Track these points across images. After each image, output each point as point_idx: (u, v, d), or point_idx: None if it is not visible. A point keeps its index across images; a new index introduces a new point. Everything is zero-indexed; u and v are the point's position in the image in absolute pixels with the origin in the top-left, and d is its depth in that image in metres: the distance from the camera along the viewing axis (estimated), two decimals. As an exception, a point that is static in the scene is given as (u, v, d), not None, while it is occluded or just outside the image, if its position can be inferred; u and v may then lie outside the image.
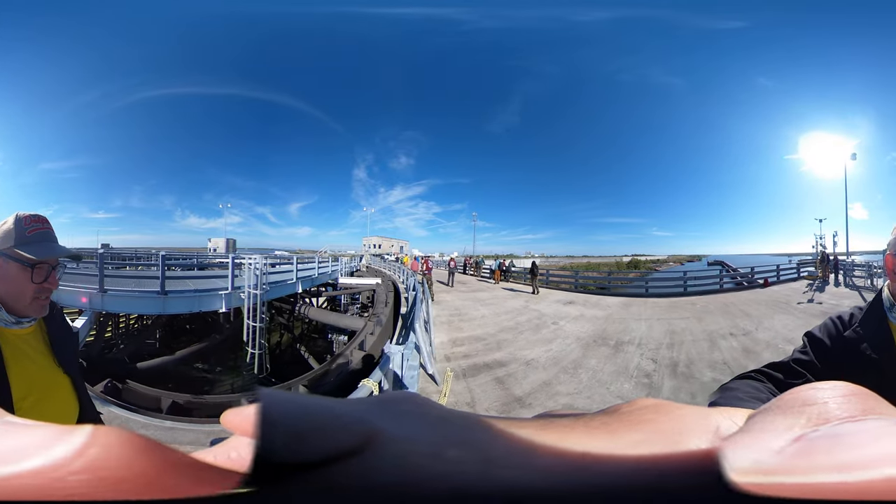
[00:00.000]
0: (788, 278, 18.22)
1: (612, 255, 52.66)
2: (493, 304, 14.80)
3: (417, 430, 0.19)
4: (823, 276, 17.51)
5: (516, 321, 11.64)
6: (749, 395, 0.85)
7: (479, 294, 17.61)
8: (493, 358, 8.06)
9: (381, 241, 60.63)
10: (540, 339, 9.67)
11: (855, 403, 0.19)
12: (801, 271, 18.77)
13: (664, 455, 0.19)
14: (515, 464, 0.17)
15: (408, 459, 0.17)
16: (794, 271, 18.83)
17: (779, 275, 18.06)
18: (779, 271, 18.27)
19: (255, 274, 12.01)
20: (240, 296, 11.78)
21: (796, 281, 17.70)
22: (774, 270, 18.11)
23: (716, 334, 9.37)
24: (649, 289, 16.76)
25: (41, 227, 1.11)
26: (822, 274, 17.60)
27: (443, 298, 15.89)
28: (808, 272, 18.41)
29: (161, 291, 9.75)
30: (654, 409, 0.23)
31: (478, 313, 12.75)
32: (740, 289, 16.58)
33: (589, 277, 22.89)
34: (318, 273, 18.08)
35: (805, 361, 1.03)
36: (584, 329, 10.54)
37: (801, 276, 18.36)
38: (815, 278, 17.27)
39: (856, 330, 1.03)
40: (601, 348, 8.70)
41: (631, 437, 0.20)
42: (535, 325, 11.21)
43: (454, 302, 15.16)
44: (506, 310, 13.47)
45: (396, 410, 0.20)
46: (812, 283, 16.21)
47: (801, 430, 0.18)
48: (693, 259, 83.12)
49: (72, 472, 0.15)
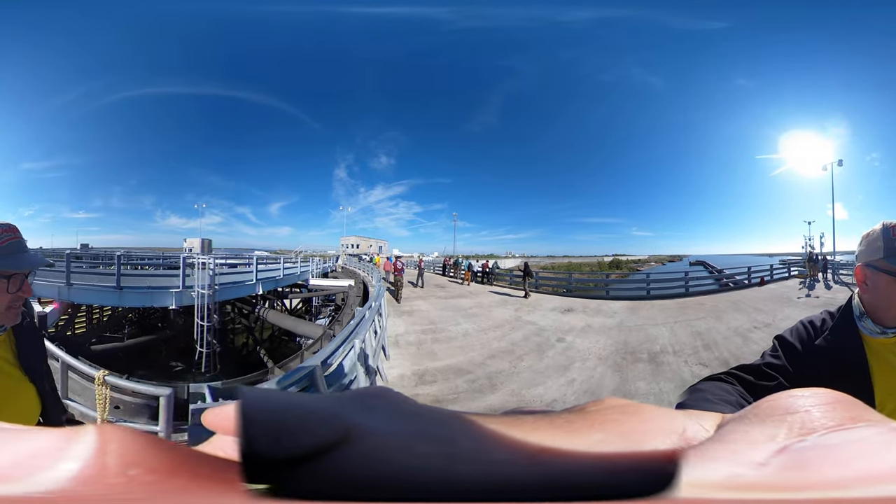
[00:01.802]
0: (781, 277, 19.02)
1: (593, 256, 52.50)
2: (477, 314, 12.01)
3: (391, 425, 0.19)
4: (812, 274, 18.49)
5: (510, 340, 9.10)
6: (718, 398, 0.84)
7: (459, 301, 14.47)
8: (485, 405, 5.80)
9: (360, 241, 59.14)
10: (550, 365, 7.40)
11: (841, 411, 0.18)
12: (791, 270, 19.92)
13: (621, 453, 0.18)
14: (476, 458, 0.18)
15: (382, 454, 0.17)
16: (786, 270, 19.90)
17: (772, 273, 18.86)
18: (772, 270, 19.04)
19: (209, 274, 12.06)
20: (191, 295, 11.90)
21: (788, 279, 18.50)
22: (768, 270, 18.88)
23: (741, 329, 9.10)
24: (651, 290, 15.52)
25: (13, 237, 1.11)
26: (810, 273, 18.67)
27: (415, 307, 12.78)
28: (800, 270, 19.64)
29: (117, 286, 10.85)
30: (620, 409, 0.22)
31: (458, 329, 10.06)
32: (740, 287, 16.73)
33: (585, 280, 20.77)
34: (283, 274, 16.85)
35: (777, 365, 1.04)
36: (601, 343, 8.63)
37: (791, 274, 19.46)
38: (806, 276, 18.39)
39: (826, 338, 1.06)
40: (637, 365, 7.22)
41: (592, 436, 0.20)
42: (535, 344, 8.77)
43: (429, 312, 12.04)
44: (494, 323, 10.85)
45: (370, 405, 0.20)
46: (804, 281, 17.12)
47: (785, 441, 0.17)
48: (674, 259, 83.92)
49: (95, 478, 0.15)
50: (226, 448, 0.21)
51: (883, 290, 1.01)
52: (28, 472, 0.15)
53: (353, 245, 56.08)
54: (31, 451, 0.16)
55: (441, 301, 14.40)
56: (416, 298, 14.69)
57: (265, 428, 0.17)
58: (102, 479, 0.15)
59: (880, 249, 1.01)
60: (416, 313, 11.70)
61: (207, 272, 11.94)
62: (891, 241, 0.99)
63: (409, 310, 12.26)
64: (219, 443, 0.23)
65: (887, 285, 0.99)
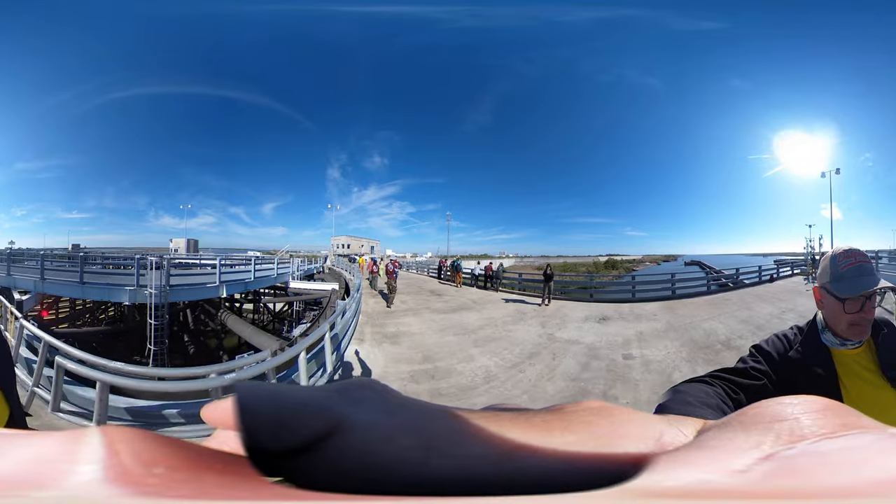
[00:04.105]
0: (786, 275, 20.39)
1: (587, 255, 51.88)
2: (492, 336, 8.82)
3: (377, 417, 0.19)
4: (814, 272, 20.03)
5: (567, 375, 6.48)
6: (699, 401, 0.86)
7: (463, 317, 10.87)
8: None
9: (351, 241, 57.84)
10: (651, 394, 5.75)
11: (832, 418, 0.18)
12: (794, 269, 21.52)
13: (588, 455, 0.18)
14: (452, 453, 0.18)
15: (368, 445, 0.17)
16: (789, 269, 21.54)
17: (778, 272, 20.16)
18: (778, 269, 20.43)
19: (162, 274, 12.55)
20: (145, 293, 12.43)
21: (793, 276, 19.96)
22: (775, 269, 20.32)
23: (774, 314, 9.76)
24: (676, 290, 14.79)
25: None
26: (812, 271, 19.94)
27: (403, 326, 9.49)
28: (802, 269, 21.34)
29: (80, 281, 12.35)
30: (597, 411, 0.22)
31: (473, 369, 6.62)
32: (753, 284, 17.68)
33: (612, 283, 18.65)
34: (254, 277, 15.73)
35: (762, 369, 1.12)
36: (673, 348, 7.58)
37: (794, 273, 20.90)
38: (808, 274, 19.91)
39: (798, 350, 1.18)
40: (722, 354, 7.13)
41: (565, 437, 0.20)
42: (604, 371, 6.61)
43: (423, 336, 8.72)
44: (522, 349, 7.76)
45: (358, 397, 0.20)
46: (807, 278, 18.48)
47: (771, 449, 0.17)
48: (669, 259, 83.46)
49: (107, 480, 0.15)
50: (228, 442, 0.21)
51: (832, 309, 1.18)
52: (53, 478, 0.15)
53: (344, 245, 54.95)
54: (41, 455, 0.16)
55: (439, 317, 10.91)
56: (402, 313, 11.38)
57: (264, 421, 0.17)
58: (128, 479, 0.15)
59: (828, 274, 1.20)
60: (403, 337, 8.49)
61: (162, 272, 12.48)
62: (836, 269, 1.18)
63: (395, 332, 8.99)
64: (221, 437, 0.22)
65: (834, 306, 1.16)
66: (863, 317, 1.12)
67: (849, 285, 1.13)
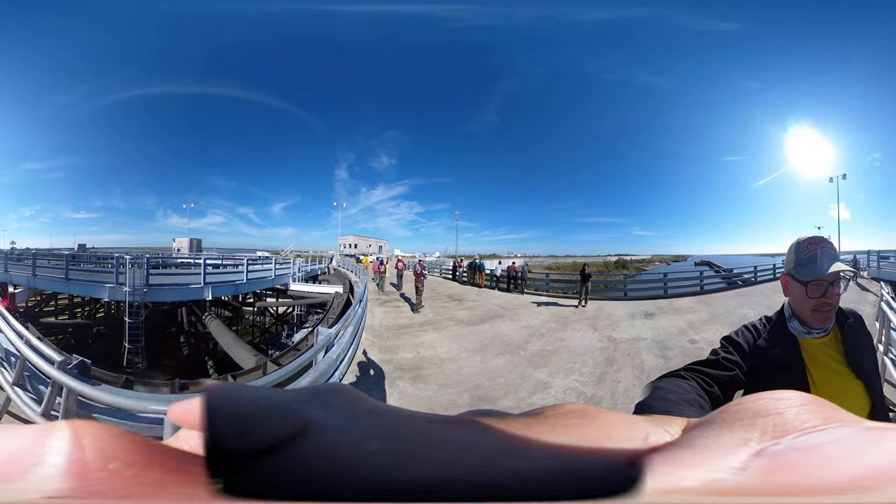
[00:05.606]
0: None
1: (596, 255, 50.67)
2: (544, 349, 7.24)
3: (346, 422, 0.19)
4: None
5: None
6: (678, 397, 0.86)
7: (497, 327, 9.15)
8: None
9: (358, 241, 56.76)
10: None
11: (814, 412, 0.18)
12: None
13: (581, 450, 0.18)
14: (422, 458, 0.18)
15: (333, 449, 0.17)
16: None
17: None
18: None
19: (142, 273, 12.65)
20: (123, 291, 12.42)
21: None
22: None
23: None
24: (704, 286, 15.61)
25: None
26: None
27: (425, 350, 6.98)
28: None
29: (65, 277, 12.96)
30: (580, 414, 0.22)
31: (554, 397, 5.44)
32: (769, 280, 18.14)
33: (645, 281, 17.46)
34: (246, 279, 14.67)
35: (732, 360, 1.12)
36: (727, 330, 7.18)
37: None
38: None
39: (766, 338, 1.20)
40: None
41: (551, 441, 0.19)
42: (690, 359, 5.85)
43: (457, 363, 6.43)
44: (594, 359, 6.67)
45: (327, 401, 0.20)
46: None
47: (759, 445, 0.17)
48: (678, 259, 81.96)
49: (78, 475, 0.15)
50: (191, 442, 0.22)
51: (796, 295, 1.20)
52: (22, 470, 0.16)
53: (352, 245, 53.94)
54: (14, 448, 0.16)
55: (467, 330, 8.81)
56: (420, 327, 9.01)
57: (230, 422, 0.17)
58: (86, 474, 0.15)
59: (793, 260, 1.22)
60: (428, 368, 6.10)
61: (138, 270, 12.60)
62: (800, 255, 1.20)
63: (414, 360, 6.41)
64: (184, 437, 0.23)
65: (798, 291, 1.18)
66: (825, 302, 1.14)
67: (810, 269, 1.16)
